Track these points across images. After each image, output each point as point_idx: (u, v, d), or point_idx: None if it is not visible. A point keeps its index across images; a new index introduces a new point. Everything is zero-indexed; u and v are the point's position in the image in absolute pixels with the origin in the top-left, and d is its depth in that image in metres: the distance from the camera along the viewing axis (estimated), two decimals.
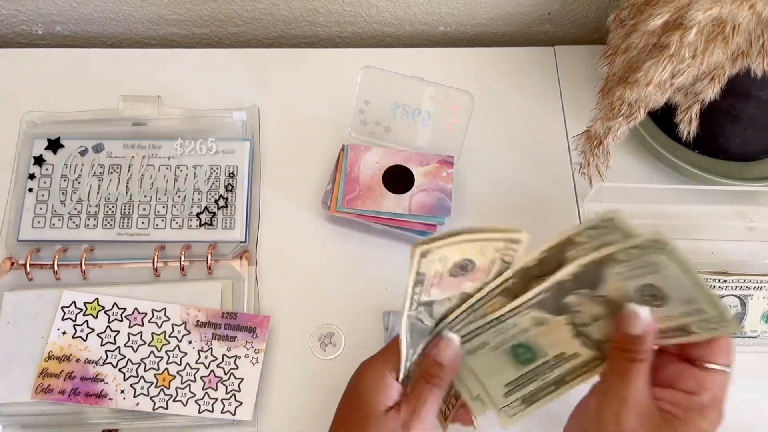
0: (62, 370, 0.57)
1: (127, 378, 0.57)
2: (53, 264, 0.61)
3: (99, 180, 0.65)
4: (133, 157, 0.66)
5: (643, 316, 0.42)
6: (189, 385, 0.57)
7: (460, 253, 0.43)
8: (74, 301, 0.60)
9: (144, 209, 0.64)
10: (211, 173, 0.66)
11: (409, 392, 0.47)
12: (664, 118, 0.66)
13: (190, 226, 0.64)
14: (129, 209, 0.64)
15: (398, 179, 0.64)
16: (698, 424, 0.41)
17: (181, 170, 0.66)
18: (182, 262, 0.62)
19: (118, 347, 0.58)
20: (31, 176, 0.65)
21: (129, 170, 0.66)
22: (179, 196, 0.65)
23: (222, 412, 0.57)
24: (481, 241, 0.43)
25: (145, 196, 0.65)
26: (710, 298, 0.40)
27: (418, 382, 0.46)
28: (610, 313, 0.44)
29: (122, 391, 0.57)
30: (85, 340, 0.59)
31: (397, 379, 0.46)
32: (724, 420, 0.42)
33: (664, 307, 0.42)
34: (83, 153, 0.66)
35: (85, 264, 0.61)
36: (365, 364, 0.48)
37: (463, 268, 0.44)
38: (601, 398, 0.43)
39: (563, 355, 0.46)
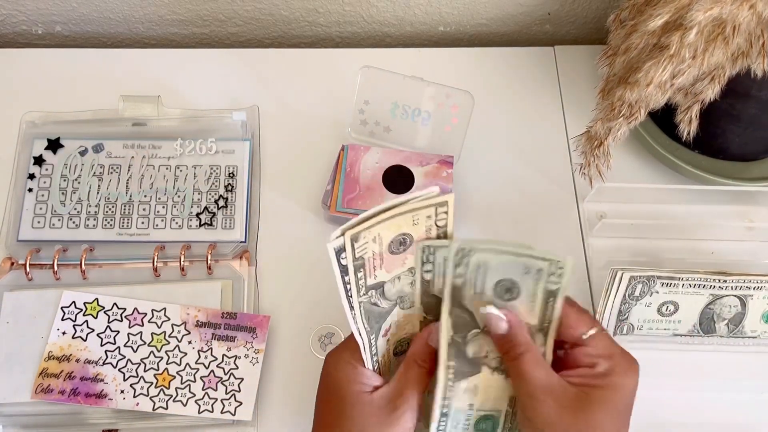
0: (62, 371, 0.57)
1: (127, 378, 0.57)
2: (53, 264, 0.61)
3: (99, 180, 0.65)
4: (132, 157, 0.66)
5: (497, 312, 0.43)
6: (189, 385, 0.57)
7: (395, 229, 0.44)
8: (74, 301, 0.60)
9: (144, 209, 0.64)
10: (211, 173, 0.66)
11: (394, 374, 0.47)
12: (664, 118, 0.66)
13: (190, 226, 0.64)
14: (129, 209, 0.64)
15: (398, 179, 0.64)
16: (616, 382, 0.42)
17: (181, 170, 0.66)
18: (182, 262, 0.62)
19: (118, 347, 0.58)
20: (31, 176, 0.65)
21: (129, 170, 0.66)
22: (179, 196, 0.65)
23: (222, 413, 0.57)
24: (410, 212, 0.43)
25: (145, 196, 0.65)
26: (529, 254, 0.42)
27: (408, 364, 0.47)
28: None
29: (122, 392, 0.57)
30: (84, 341, 0.59)
31: (365, 366, 0.47)
32: (638, 364, 0.43)
33: (523, 294, 0.43)
34: (83, 153, 0.66)
35: (85, 264, 0.61)
36: (333, 358, 0.48)
37: (402, 243, 0.45)
38: (519, 407, 0.44)
39: (513, 399, 0.46)
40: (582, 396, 0.41)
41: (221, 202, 0.65)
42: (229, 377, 0.58)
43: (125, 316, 0.60)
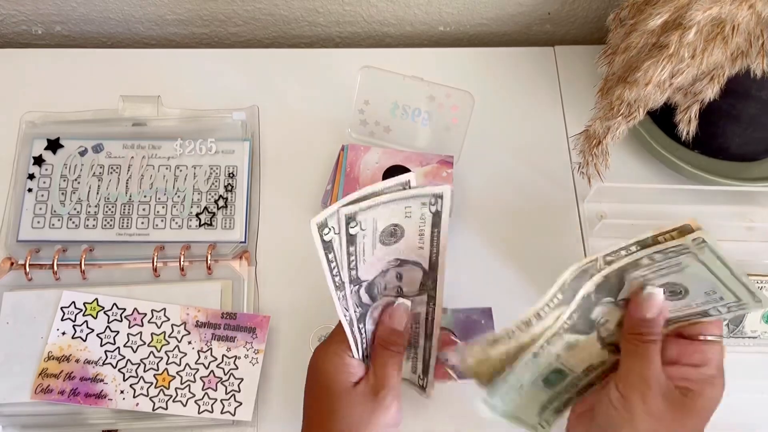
0: (62, 371, 0.57)
1: (127, 378, 0.57)
2: (53, 264, 0.61)
3: (98, 180, 0.65)
4: (132, 157, 0.66)
5: (659, 298, 0.44)
6: (189, 385, 0.57)
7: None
8: (74, 302, 0.60)
9: (144, 209, 0.64)
10: (211, 173, 0.66)
11: (370, 362, 0.48)
12: (663, 117, 0.66)
13: (190, 226, 0.64)
14: (128, 209, 0.64)
15: None
16: (710, 393, 0.43)
17: (180, 170, 0.66)
18: (182, 263, 0.62)
19: (118, 347, 0.58)
20: (31, 176, 0.65)
21: (129, 170, 0.66)
22: (179, 197, 0.65)
23: (222, 413, 0.57)
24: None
25: (145, 197, 0.65)
26: (740, 287, 0.41)
27: (378, 350, 0.48)
28: None
29: (122, 392, 0.57)
30: (84, 341, 0.59)
31: (352, 355, 0.48)
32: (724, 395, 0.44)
33: (684, 300, 0.43)
34: (83, 153, 0.66)
35: (85, 264, 0.61)
36: (320, 350, 0.49)
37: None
38: (624, 383, 0.44)
39: (591, 366, 0.47)
40: (685, 400, 0.43)
41: (221, 202, 0.65)
42: (229, 377, 0.58)
43: (125, 317, 0.60)
